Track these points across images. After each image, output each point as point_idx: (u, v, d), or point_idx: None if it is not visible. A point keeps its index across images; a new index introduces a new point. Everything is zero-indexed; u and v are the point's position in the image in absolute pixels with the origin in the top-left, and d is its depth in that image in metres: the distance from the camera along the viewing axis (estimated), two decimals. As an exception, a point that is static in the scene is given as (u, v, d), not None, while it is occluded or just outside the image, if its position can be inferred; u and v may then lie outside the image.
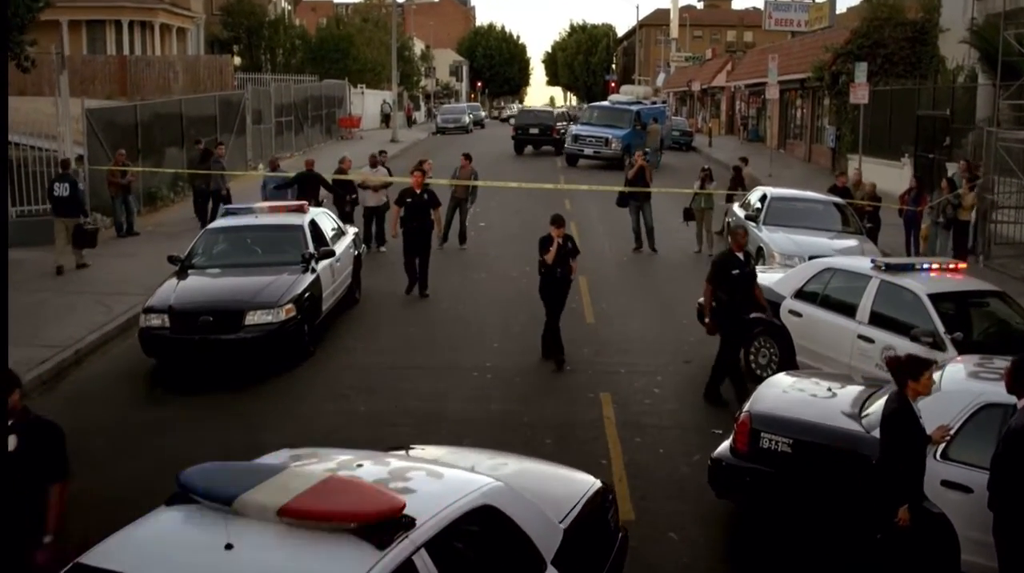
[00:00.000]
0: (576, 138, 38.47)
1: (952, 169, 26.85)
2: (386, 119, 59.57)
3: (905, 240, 20.66)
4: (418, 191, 16.57)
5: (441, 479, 5.49)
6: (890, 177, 31.14)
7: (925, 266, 11.53)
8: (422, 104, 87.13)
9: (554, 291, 13.12)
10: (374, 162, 20.87)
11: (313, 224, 14.67)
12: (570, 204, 27.54)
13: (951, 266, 11.75)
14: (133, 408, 11.53)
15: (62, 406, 11.59)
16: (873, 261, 11.50)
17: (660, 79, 69.51)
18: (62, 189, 18.30)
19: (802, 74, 41.22)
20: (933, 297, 10.76)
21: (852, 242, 17.62)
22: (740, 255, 11.82)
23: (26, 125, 27.39)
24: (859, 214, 19.96)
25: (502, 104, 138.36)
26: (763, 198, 19.13)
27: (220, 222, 14.67)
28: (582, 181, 35.02)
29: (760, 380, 12.12)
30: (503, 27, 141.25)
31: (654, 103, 41.47)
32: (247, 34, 65.78)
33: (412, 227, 16.45)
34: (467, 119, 62.36)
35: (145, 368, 12.80)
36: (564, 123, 45.87)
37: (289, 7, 77.14)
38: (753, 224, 18.46)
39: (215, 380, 12.33)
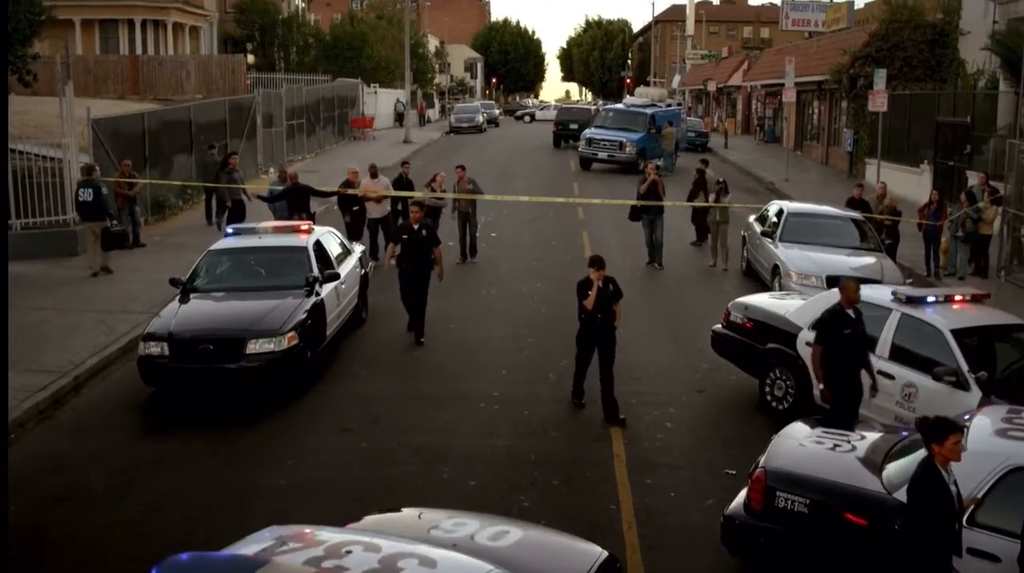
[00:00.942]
0: (590, 141, 38.05)
1: (972, 179, 26.40)
2: (399, 118, 59.21)
3: (925, 254, 20.22)
4: (415, 227, 14.89)
5: (434, 570, 5.14)
6: (909, 183, 30.66)
7: (948, 298, 11.12)
8: (436, 101, 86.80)
9: (595, 340, 11.80)
10: (374, 172, 20.45)
11: (318, 245, 14.35)
12: (583, 212, 27.18)
13: (975, 297, 11.33)
14: (131, 441, 11.22)
15: (58, 438, 11.36)
16: (894, 293, 11.09)
17: (676, 81, 68.93)
18: (86, 194, 18.72)
19: (819, 76, 40.68)
20: (956, 333, 10.36)
21: (870, 260, 17.22)
22: (851, 312, 10.30)
23: (35, 128, 27.24)
24: (878, 228, 19.58)
25: (517, 99, 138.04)
26: (780, 213, 18.71)
27: (223, 243, 14.35)
28: (596, 184, 34.71)
29: (775, 412, 11.89)
30: (518, 22, 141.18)
31: (669, 105, 41.02)
32: (260, 32, 65.57)
33: (407, 268, 14.80)
34: (480, 118, 61.97)
35: (145, 395, 12.50)
36: None
37: (303, 4, 76.93)
38: (769, 240, 18.10)
39: (216, 410, 12.04)
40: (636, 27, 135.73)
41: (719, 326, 13.04)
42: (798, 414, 11.55)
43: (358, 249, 16.54)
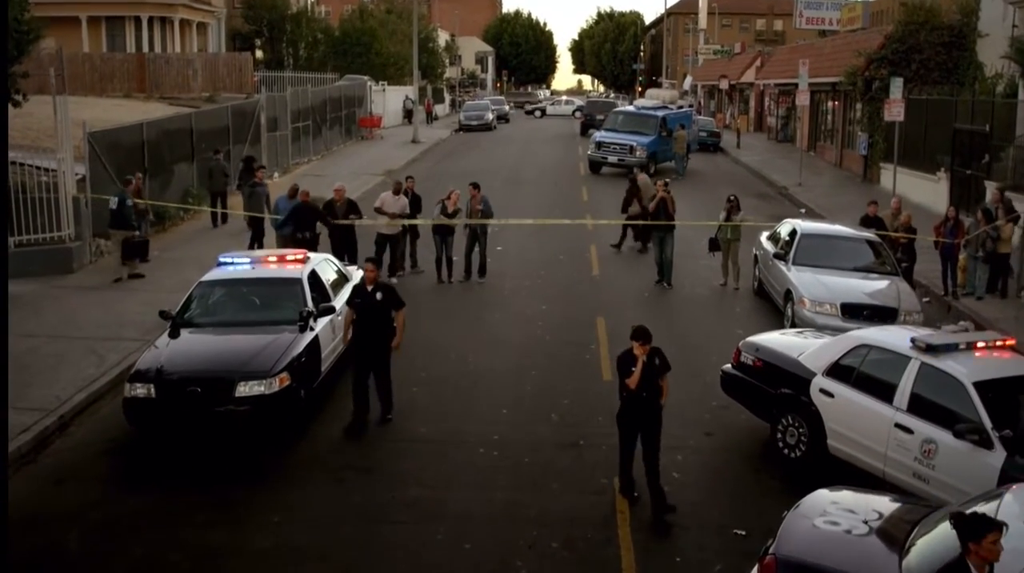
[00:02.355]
0: (599, 145, 37.44)
1: (991, 189, 25.75)
2: (408, 115, 58.63)
3: (942, 273, 19.62)
4: (369, 289, 12.53)
5: None
6: (925, 191, 30.04)
7: (971, 345, 10.55)
8: (446, 96, 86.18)
9: (638, 421, 10.24)
10: (398, 189, 19.84)
11: (313, 275, 13.86)
12: (591, 223, 26.58)
13: (1000, 344, 10.74)
14: (112, 493, 10.74)
15: (38, 489, 10.89)
16: (913, 340, 10.51)
17: (687, 82, 68.12)
18: (112, 203, 19.30)
19: (833, 77, 39.95)
20: (979, 386, 9.80)
21: (886, 284, 16.65)
22: None
23: (37, 133, 26.80)
24: (892, 246, 19.00)
25: (529, 90, 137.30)
26: (792, 234, 18.12)
27: (215, 274, 13.85)
28: (606, 189, 34.12)
29: (788, 460, 11.36)
30: (529, 14, 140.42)
31: (680, 107, 40.35)
32: (269, 28, 65.16)
33: (359, 336, 12.44)
34: (490, 116, 61.36)
35: (131, 436, 12.03)
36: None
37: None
38: (781, 263, 17.52)
39: (204, 456, 11.57)
40: (648, 19, 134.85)
41: (729, 366, 12.50)
42: (811, 462, 11.13)
43: (356, 275, 16.00)
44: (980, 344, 10.60)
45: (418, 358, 15.02)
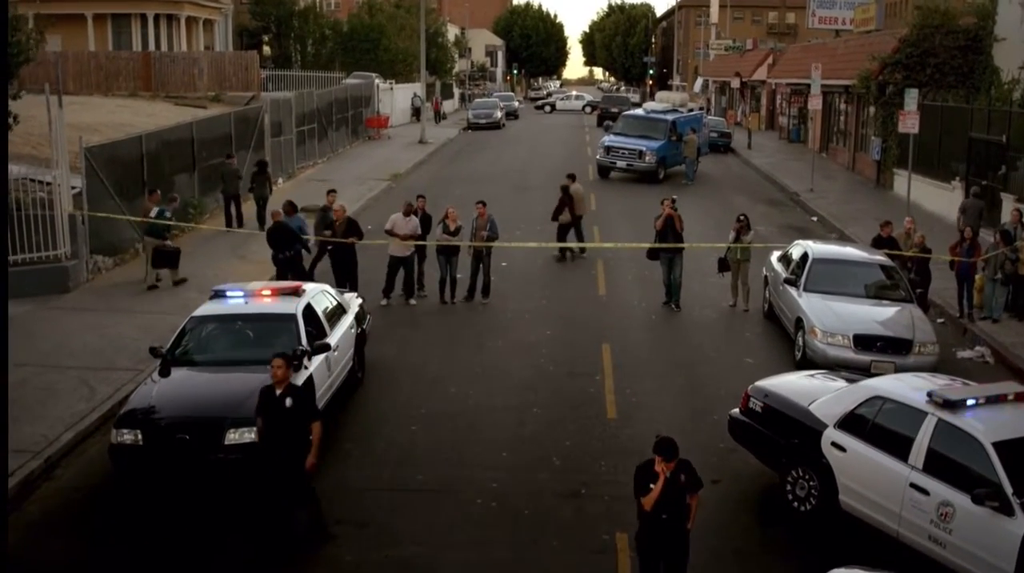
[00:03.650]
0: (608, 149, 36.88)
1: (1008, 203, 25.19)
2: (417, 113, 58.10)
3: (958, 294, 19.13)
4: (278, 393, 10.17)
5: None
6: (940, 200, 29.48)
7: (991, 398, 10.05)
8: (455, 90, 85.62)
9: (660, 547, 8.67)
10: (408, 210, 19.31)
11: (308, 310, 13.42)
12: (599, 236, 26.12)
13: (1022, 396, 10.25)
14: (96, 550, 10.37)
15: (21, 538, 10.49)
16: (930, 395, 10.04)
17: (698, 84, 67.42)
18: (152, 213, 19.87)
19: (847, 80, 39.35)
20: (1000, 446, 9.34)
21: (900, 312, 16.17)
22: None
23: (39, 138, 26.41)
24: (904, 265, 18.55)
25: (538, 85, 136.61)
26: (804, 258, 17.62)
27: (207, 308, 13.44)
28: (614, 195, 33.66)
29: (797, 513, 10.92)
30: (540, 6, 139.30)
31: (691, 111, 39.77)
32: (276, 24, 64.66)
33: (267, 449, 10.23)
34: (499, 114, 60.72)
35: (119, 481, 11.65)
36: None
37: (320, -5, 75.89)
38: (792, 289, 17.03)
39: (193, 507, 11.18)
40: (659, 11, 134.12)
41: (737, 411, 12.05)
42: (821, 517, 10.70)
43: (355, 303, 15.59)
44: (1001, 398, 10.11)
45: (418, 392, 14.64)
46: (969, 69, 33.95)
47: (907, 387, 10.57)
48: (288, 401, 10.13)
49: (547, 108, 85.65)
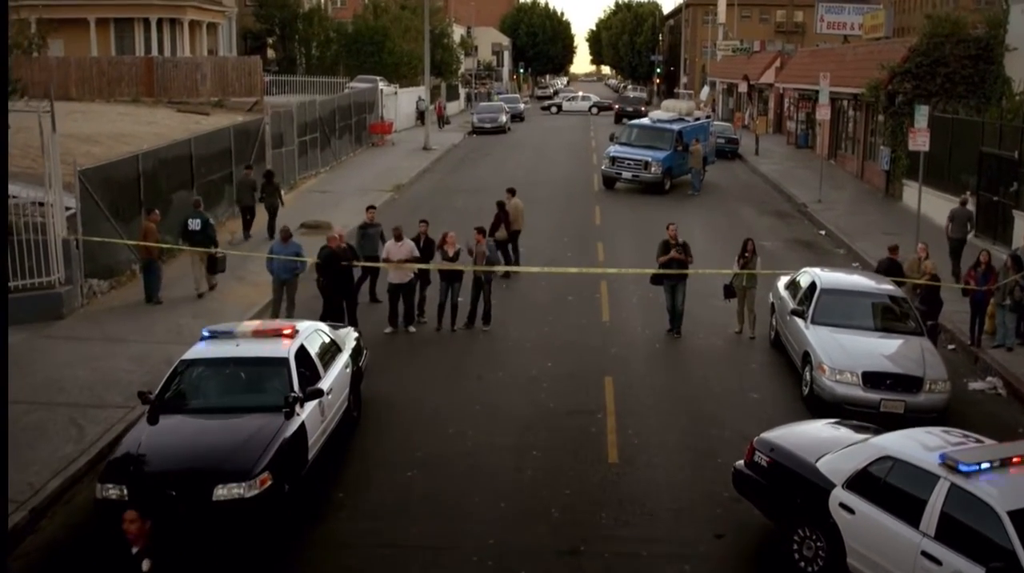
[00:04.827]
0: (613, 160, 36.44)
1: (1020, 221, 24.76)
2: (421, 116, 57.67)
3: (970, 322, 18.72)
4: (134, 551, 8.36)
5: None
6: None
7: (1007, 461, 9.63)
8: (461, 91, 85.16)
9: None
10: (399, 235, 18.92)
11: (301, 353, 13.05)
12: (603, 252, 25.76)
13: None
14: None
15: (1, 601, 10.16)
16: (943, 458, 9.63)
17: (704, 93, 66.93)
18: (195, 224, 20.79)
19: (856, 89, 38.87)
20: (1016, 515, 8.92)
21: (911, 347, 15.75)
22: None
23: (37, 151, 26.09)
24: (912, 290, 18.20)
25: (544, 83, 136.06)
26: (812, 287, 17.20)
27: (197, 351, 13.08)
28: (619, 207, 33.27)
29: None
30: (547, 4, 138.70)
31: (697, 119, 39.30)
32: (281, 26, 64.41)
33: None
34: (504, 118, 60.20)
35: (104, 534, 11.29)
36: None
37: (324, -2, 75.55)
38: (800, 321, 16.62)
39: (180, 565, 10.80)
40: (666, 9, 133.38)
41: (741, 464, 11.64)
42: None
43: (351, 339, 15.22)
44: (1016, 459, 9.69)
45: (415, 432, 14.28)
46: (980, 79, 33.51)
47: (919, 447, 10.16)
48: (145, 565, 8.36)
49: (553, 109, 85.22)
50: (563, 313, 20.37)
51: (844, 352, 15.29)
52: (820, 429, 11.85)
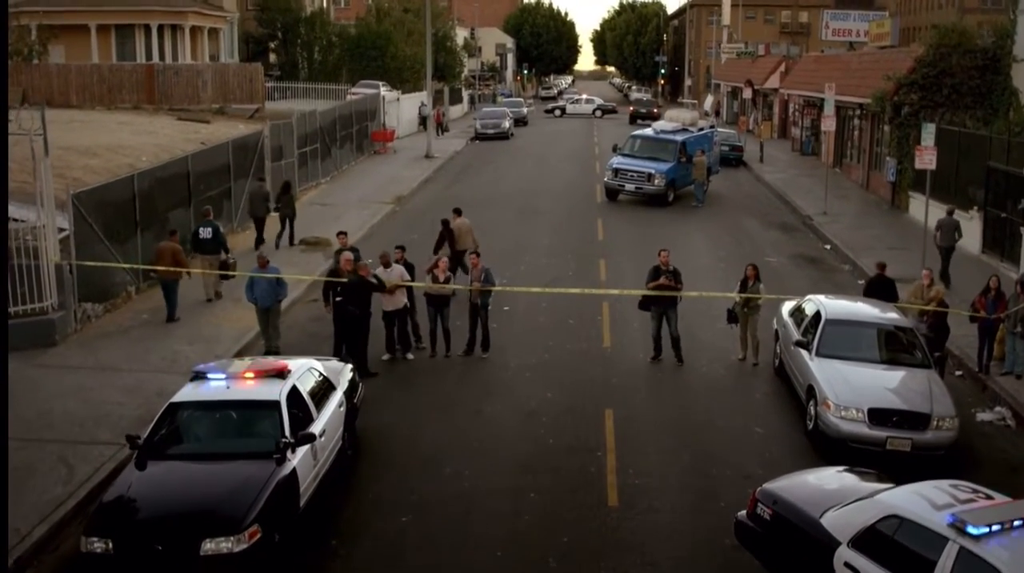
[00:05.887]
0: (616, 172, 36.08)
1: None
2: (424, 122, 57.36)
3: (979, 349, 18.39)
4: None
5: None
6: (957, 228, 28.58)
7: (1018, 522, 9.30)
8: (464, 93, 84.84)
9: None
10: (387, 261, 18.61)
11: (293, 394, 12.74)
12: (605, 272, 25.44)
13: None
14: None
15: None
16: (952, 519, 9.30)
17: (708, 102, 66.52)
18: (206, 232, 21.54)
19: (861, 98, 38.49)
20: (1027, 581, 8.62)
21: (918, 381, 15.40)
22: None
23: (32, 162, 25.78)
24: (919, 316, 17.91)
25: (549, 83, 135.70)
26: (817, 317, 16.86)
27: (186, 393, 12.77)
28: (623, 220, 32.98)
29: (808, 632, 10.23)
30: (551, 4, 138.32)
31: (701, 130, 38.91)
32: (283, 31, 64.10)
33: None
34: (507, 124, 59.79)
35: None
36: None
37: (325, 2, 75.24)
38: (804, 353, 16.28)
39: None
40: (671, 9, 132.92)
41: (743, 514, 11.32)
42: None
43: (345, 375, 14.91)
44: (1029, 520, 9.35)
45: (411, 473, 13.96)
46: (987, 90, 33.17)
47: (927, 505, 9.81)
48: None
49: (557, 112, 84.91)
50: (564, 338, 20.04)
51: (849, 387, 14.94)
52: (825, 479, 11.52)
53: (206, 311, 21.06)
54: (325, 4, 73.34)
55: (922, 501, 9.99)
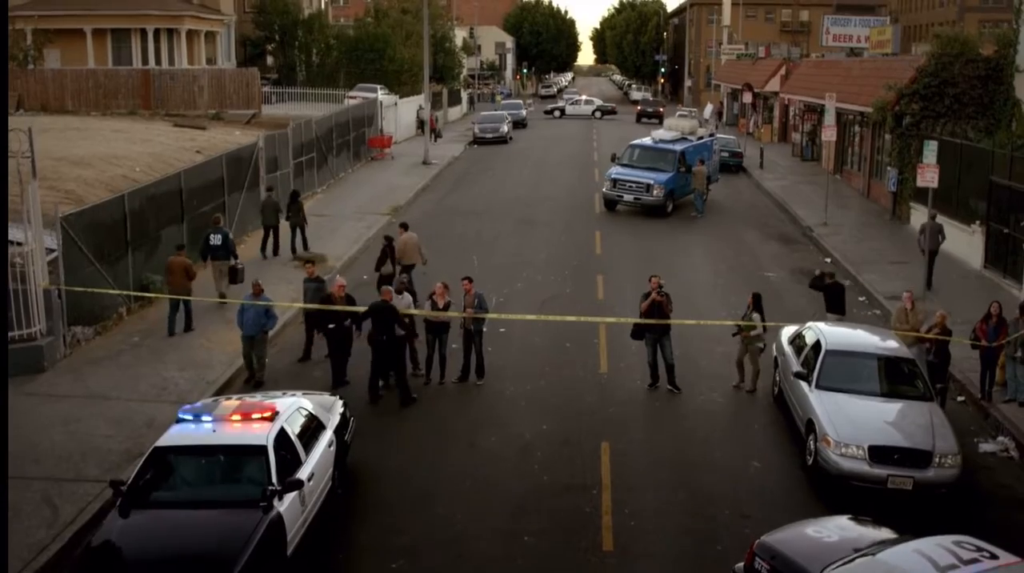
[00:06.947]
0: (615, 182, 35.74)
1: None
2: (422, 126, 57.03)
3: (981, 376, 18.13)
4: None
5: None
6: (959, 242, 28.37)
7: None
8: (463, 94, 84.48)
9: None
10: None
11: (281, 437, 12.46)
12: (603, 291, 25.12)
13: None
14: None
15: None
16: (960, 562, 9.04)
17: (707, 111, 66.15)
18: (217, 239, 22.51)
19: (862, 107, 38.17)
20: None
21: (920, 415, 15.11)
22: None
23: (17, 175, 25.44)
24: (920, 343, 17.66)
25: (548, 81, 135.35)
26: (817, 347, 16.57)
27: (171, 437, 12.46)
28: (622, 232, 32.67)
29: None
30: (550, 2, 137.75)
31: (700, 138, 38.55)
32: (280, 34, 63.77)
33: None
34: (505, 128, 59.36)
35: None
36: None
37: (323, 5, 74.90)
38: (804, 385, 15.99)
39: None
40: (671, 7, 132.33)
41: (741, 567, 11.04)
42: None
43: (336, 411, 14.62)
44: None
45: (401, 513, 13.67)
46: (989, 100, 32.83)
47: (929, 568, 9.54)
48: None
49: (556, 113, 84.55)
50: (560, 364, 19.71)
51: (850, 423, 14.65)
52: (825, 532, 11.19)
53: (205, 330, 20.74)
54: (323, 5, 72.97)
55: (924, 562, 9.71)
